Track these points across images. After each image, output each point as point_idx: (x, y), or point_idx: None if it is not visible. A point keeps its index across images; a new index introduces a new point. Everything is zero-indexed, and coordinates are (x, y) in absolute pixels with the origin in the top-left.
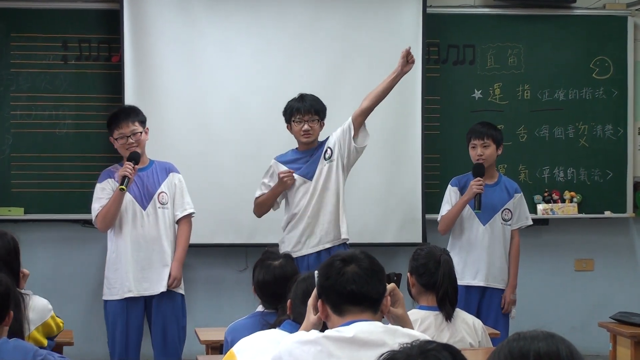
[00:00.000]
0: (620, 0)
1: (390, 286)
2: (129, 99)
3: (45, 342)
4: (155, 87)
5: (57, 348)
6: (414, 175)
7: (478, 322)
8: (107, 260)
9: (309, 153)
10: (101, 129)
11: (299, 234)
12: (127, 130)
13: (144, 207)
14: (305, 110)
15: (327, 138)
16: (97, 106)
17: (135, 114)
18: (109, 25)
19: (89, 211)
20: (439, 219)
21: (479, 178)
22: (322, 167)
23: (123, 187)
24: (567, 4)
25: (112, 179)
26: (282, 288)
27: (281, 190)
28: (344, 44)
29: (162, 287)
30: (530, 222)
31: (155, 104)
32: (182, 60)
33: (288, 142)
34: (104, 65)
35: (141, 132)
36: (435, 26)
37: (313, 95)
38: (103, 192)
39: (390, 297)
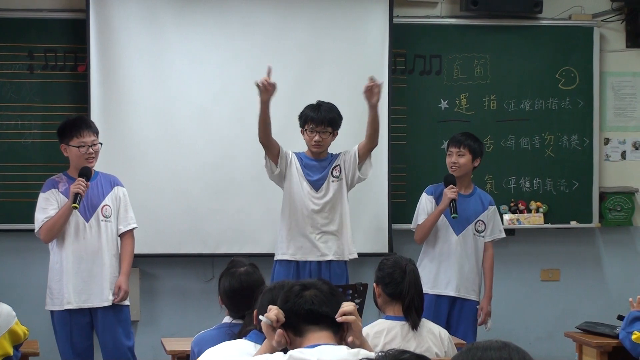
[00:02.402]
0: (586, 11)
1: (350, 318)
2: (95, 109)
3: (11, 350)
4: (121, 96)
5: (23, 359)
6: (380, 185)
7: (444, 332)
8: (49, 270)
9: (320, 164)
10: None
11: (302, 242)
12: (89, 140)
13: (87, 219)
14: (318, 121)
15: (339, 154)
16: (63, 116)
17: (94, 126)
18: (75, 35)
19: None
20: (413, 227)
21: (451, 185)
22: (330, 182)
23: (76, 205)
24: (533, 14)
25: (56, 190)
26: (249, 294)
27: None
28: (311, 54)
29: (104, 301)
30: (504, 235)
31: (121, 113)
32: (149, 70)
33: (254, 152)
34: (70, 75)
35: (99, 145)
36: (401, 36)
37: (329, 105)
38: (47, 203)
39: (348, 327)
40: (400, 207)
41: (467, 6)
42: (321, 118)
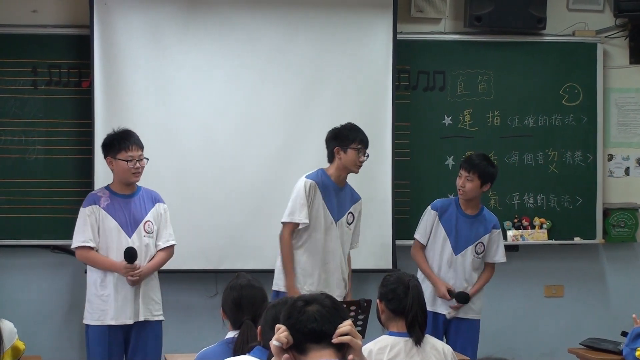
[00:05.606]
0: (590, 28)
1: (346, 339)
2: (99, 125)
3: None
4: (125, 112)
5: None
6: (384, 201)
7: (448, 348)
8: (90, 285)
9: (340, 190)
10: (71, 155)
11: (318, 275)
12: (137, 154)
13: (129, 235)
14: (367, 143)
15: (357, 199)
16: (66, 132)
17: (140, 141)
18: (79, 50)
19: (58, 237)
20: (414, 237)
21: (454, 306)
22: (343, 224)
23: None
24: (537, 31)
25: (97, 206)
26: (251, 306)
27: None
28: (314, 70)
29: (143, 316)
30: (504, 260)
31: None
32: (153, 86)
33: (257, 168)
34: (74, 90)
35: (145, 160)
36: (405, 52)
37: None
38: (87, 221)
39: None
40: (403, 223)
41: (471, 22)
42: (368, 141)
